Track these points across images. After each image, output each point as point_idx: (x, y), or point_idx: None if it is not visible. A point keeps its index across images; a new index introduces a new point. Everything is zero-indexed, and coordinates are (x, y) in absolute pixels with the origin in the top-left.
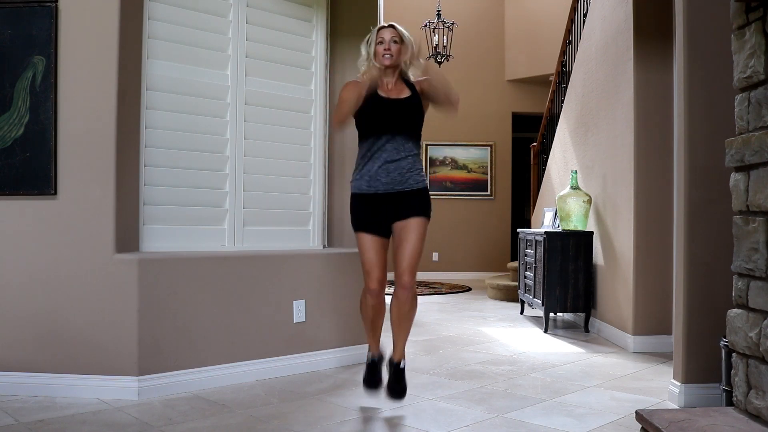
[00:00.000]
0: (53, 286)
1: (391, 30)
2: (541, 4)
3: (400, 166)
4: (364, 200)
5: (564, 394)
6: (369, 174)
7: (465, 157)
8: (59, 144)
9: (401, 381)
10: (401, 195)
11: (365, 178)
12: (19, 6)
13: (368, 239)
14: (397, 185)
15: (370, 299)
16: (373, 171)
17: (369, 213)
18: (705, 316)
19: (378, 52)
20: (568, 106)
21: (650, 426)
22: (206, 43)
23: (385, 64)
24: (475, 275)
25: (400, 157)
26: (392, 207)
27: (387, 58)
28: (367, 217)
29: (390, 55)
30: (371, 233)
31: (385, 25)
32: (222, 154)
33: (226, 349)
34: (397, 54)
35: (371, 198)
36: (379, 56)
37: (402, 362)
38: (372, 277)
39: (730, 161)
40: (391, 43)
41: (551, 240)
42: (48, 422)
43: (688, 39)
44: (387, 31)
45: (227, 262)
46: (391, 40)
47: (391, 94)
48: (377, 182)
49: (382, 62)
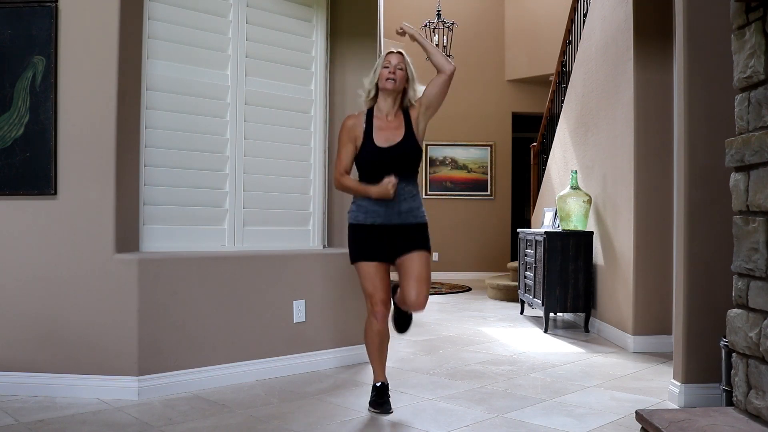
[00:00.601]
0: (53, 286)
1: (399, 56)
2: (541, 4)
3: (399, 208)
4: (363, 230)
5: (564, 394)
6: (366, 208)
7: (465, 157)
8: (59, 144)
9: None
10: (400, 228)
11: (362, 210)
12: (19, 6)
13: (370, 268)
14: (396, 218)
15: (375, 324)
16: (371, 206)
17: (368, 241)
18: (705, 316)
19: (382, 75)
20: (568, 106)
21: (650, 426)
22: (206, 43)
23: (387, 87)
24: (475, 275)
25: (399, 201)
26: (392, 239)
27: (390, 82)
28: (366, 245)
29: (393, 80)
30: (372, 260)
31: (393, 51)
32: (222, 154)
33: (226, 349)
34: (400, 80)
35: (370, 228)
36: (383, 79)
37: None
38: (376, 299)
39: (730, 161)
40: (397, 68)
41: (551, 240)
42: (48, 422)
43: (688, 39)
44: (395, 57)
45: (227, 262)
46: (397, 65)
47: (386, 134)
48: (375, 215)
49: (384, 86)
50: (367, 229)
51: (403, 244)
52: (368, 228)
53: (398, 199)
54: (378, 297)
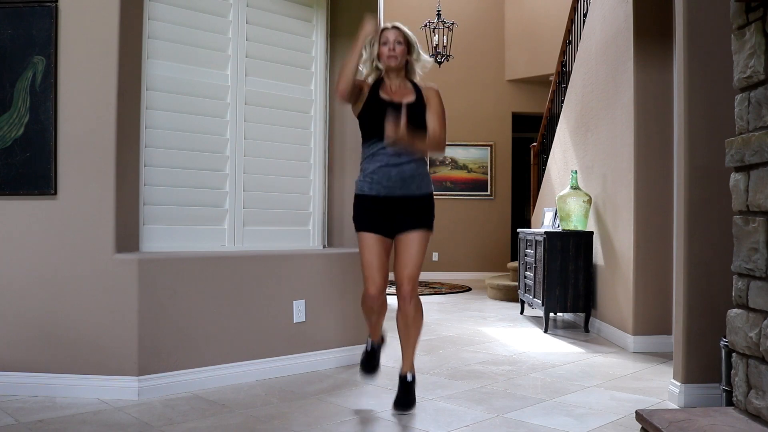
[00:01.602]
0: (53, 286)
1: (395, 31)
2: (541, 4)
3: (402, 171)
4: (367, 201)
5: (564, 394)
6: (371, 176)
7: (465, 157)
8: (59, 144)
9: (410, 394)
10: (403, 201)
11: (367, 180)
12: (19, 6)
13: (370, 239)
14: (398, 190)
15: (369, 302)
16: (374, 173)
17: (371, 213)
18: (705, 316)
19: (382, 53)
20: (568, 106)
21: (650, 426)
22: (206, 43)
23: (391, 65)
24: (475, 275)
25: (401, 162)
26: (394, 213)
27: (392, 59)
28: (369, 217)
29: (395, 56)
30: (374, 232)
31: (388, 26)
32: (222, 154)
33: (226, 349)
34: (401, 55)
35: (373, 199)
36: (384, 57)
37: (410, 375)
38: (372, 281)
39: (730, 161)
40: (396, 44)
41: (551, 240)
42: (48, 422)
43: (688, 39)
44: (391, 32)
45: (227, 262)
46: (395, 41)
47: (394, 97)
48: (378, 185)
49: (388, 63)
50: (371, 200)
51: (405, 221)
52: (372, 199)
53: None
54: (374, 280)
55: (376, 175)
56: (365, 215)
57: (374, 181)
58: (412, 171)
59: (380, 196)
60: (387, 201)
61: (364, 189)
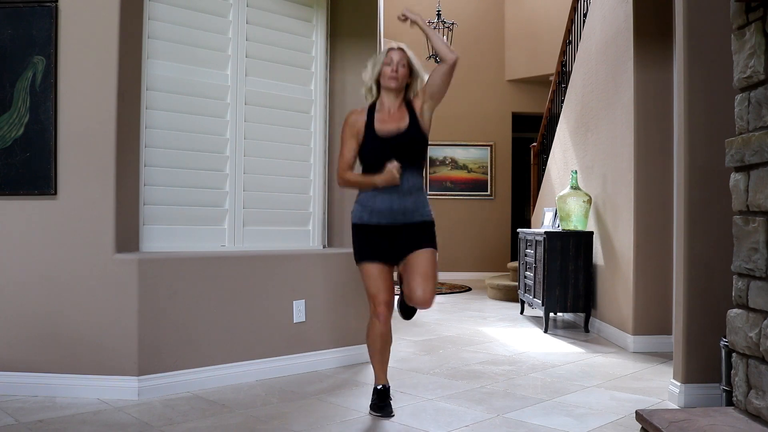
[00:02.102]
0: (53, 286)
1: (401, 53)
2: (541, 4)
3: (404, 205)
4: (366, 230)
5: (564, 394)
6: (371, 207)
7: (465, 157)
8: (59, 144)
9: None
10: (405, 228)
11: (367, 209)
12: (19, 6)
13: (373, 269)
14: (401, 217)
15: (378, 326)
16: (374, 205)
17: (373, 241)
18: (705, 316)
19: (384, 73)
20: (568, 106)
21: (650, 426)
22: (206, 43)
23: (391, 86)
24: (475, 275)
25: (403, 196)
26: (397, 239)
27: (393, 81)
28: (371, 246)
29: (396, 78)
30: (376, 262)
31: (394, 47)
32: (222, 154)
33: (226, 349)
34: (403, 78)
35: (374, 228)
36: (385, 78)
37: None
38: (379, 300)
39: (730, 161)
40: (399, 66)
41: (551, 240)
42: (48, 422)
43: (688, 39)
44: (396, 54)
45: (227, 262)
46: (399, 63)
47: (389, 125)
48: (379, 215)
49: (388, 84)
50: (372, 230)
51: (409, 243)
52: (373, 228)
53: (403, 190)
54: (381, 298)
55: (377, 206)
56: (367, 245)
57: (375, 211)
58: (412, 205)
59: (382, 224)
60: (389, 229)
61: (363, 218)
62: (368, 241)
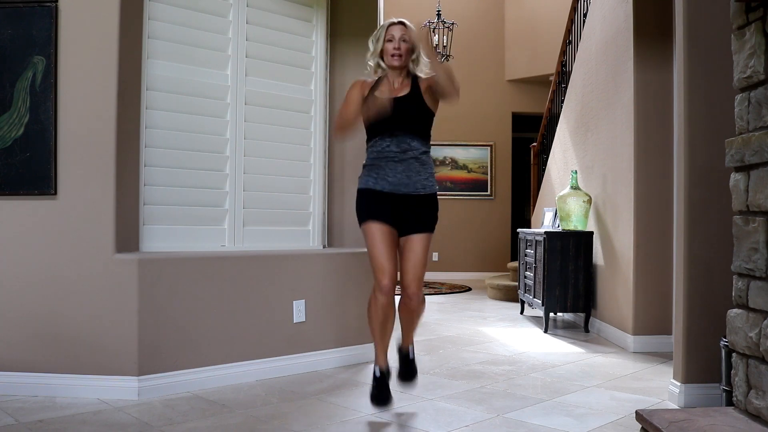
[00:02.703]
0: (53, 286)
1: (401, 28)
2: (541, 4)
3: (408, 167)
4: (371, 194)
5: (564, 394)
6: (376, 171)
7: (465, 157)
8: (59, 144)
9: (410, 365)
10: (408, 200)
11: (372, 175)
12: (19, 6)
13: (377, 228)
14: (404, 187)
15: (380, 298)
16: (379, 168)
17: (377, 204)
18: (705, 316)
19: (387, 51)
20: (568, 106)
21: (650, 426)
22: (206, 43)
23: (394, 65)
24: (475, 275)
25: (406, 158)
26: (399, 210)
27: (396, 59)
28: (375, 206)
29: (399, 55)
30: (380, 221)
31: (394, 22)
32: (222, 154)
33: (226, 349)
34: (406, 54)
35: (378, 194)
36: (388, 55)
37: (411, 350)
38: (383, 271)
39: (730, 161)
40: (401, 42)
41: (551, 240)
42: (48, 422)
43: (688, 39)
44: (397, 29)
45: (227, 262)
46: (400, 38)
47: (393, 92)
48: (384, 181)
49: (391, 63)
50: (376, 194)
51: (409, 221)
52: (377, 193)
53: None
54: (386, 269)
55: (382, 170)
56: (371, 205)
57: (379, 176)
58: (417, 167)
59: (385, 191)
60: (392, 197)
61: (368, 183)
62: (374, 201)
